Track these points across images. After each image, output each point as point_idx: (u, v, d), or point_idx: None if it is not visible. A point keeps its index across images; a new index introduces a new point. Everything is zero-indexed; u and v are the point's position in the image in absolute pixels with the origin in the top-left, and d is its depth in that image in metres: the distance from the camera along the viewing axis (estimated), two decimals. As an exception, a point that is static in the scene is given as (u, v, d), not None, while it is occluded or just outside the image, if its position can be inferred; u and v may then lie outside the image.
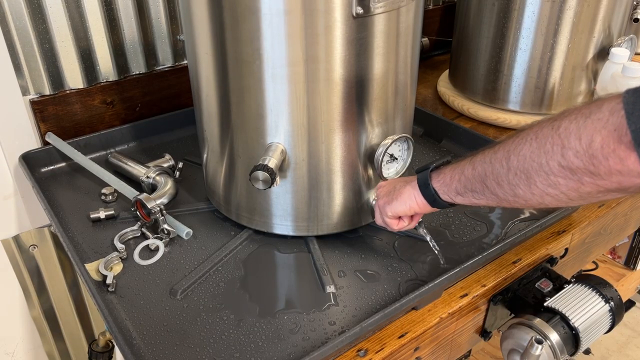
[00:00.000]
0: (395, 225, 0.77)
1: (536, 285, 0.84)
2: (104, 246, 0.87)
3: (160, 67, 1.18)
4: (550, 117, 0.54)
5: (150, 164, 1.02)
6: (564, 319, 0.77)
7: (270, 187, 0.74)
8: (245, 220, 0.89)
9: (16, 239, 1.12)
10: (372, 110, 0.79)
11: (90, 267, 0.81)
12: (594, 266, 1.60)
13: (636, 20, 1.19)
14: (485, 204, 0.64)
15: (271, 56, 0.71)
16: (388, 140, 0.81)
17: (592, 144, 0.48)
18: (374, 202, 0.87)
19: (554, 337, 0.76)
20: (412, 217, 0.77)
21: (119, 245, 0.84)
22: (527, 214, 0.93)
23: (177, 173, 1.02)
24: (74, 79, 1.07)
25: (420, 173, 0.72)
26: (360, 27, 0.71)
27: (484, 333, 0.86)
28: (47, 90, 1.05)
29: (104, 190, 0.98)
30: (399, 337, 0.72)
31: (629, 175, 0.48)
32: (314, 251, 0.85)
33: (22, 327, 1.20)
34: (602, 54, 1.16)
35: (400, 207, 0.74)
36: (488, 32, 1.19)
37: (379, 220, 0.80)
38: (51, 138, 1.05)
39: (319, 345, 0.68)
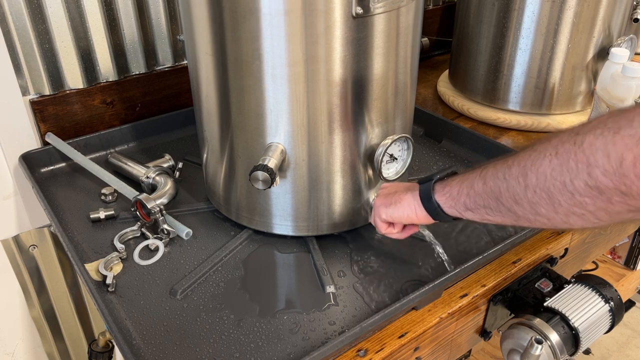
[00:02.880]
0: (384, 230, 0.75)
1: (536, 285, 0.84)
2: (103, 246, 0.87)
3: (160, 67, 1.18)
4: (570, 130, 0.50)
5: (150, 164, 1.02)
6: (564, 319, 0.77)
7: (270, 187, 0.74)
8: (245, 221, 0.89)
9: (16, 239, 1.12)
10: (372, 110, 0.79)
11: (90, 267, 0.81)
12: (594, 266, 1.60)
13: (636, 20, 1.19)
14: (501, 222, 0.59)
15: (271, 56, 0.71)
16: (388, 140, 0.81)
17: (624, 163, 0.44)
18: (374, 202, 0.87)
19: (554, 337, 0.76)
20: (404, 226, 0.75)
21: (119, 246, 0.84)
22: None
23: (177, 173, 1.02)
24: (74, 79, 1.07)
25: (423, 185, 0.68)
26: (360, 27, 0.71)
27: (484, 333, 0.86)
28: (47, 91, 1.05)
29: (103, 191, 0.98)
30: (399, 337, 0.72)
31: None
32: (314, 251, 0.85)
33: (22, 327, 1.20)
34: (602, 54, 1.16)
35: (396, 213, 0.71)
36: (488, 32, 1.19)
37: (371, 218, 0.78)
38: (51, 138, 1.05)
39: (319, 345, 0.68)
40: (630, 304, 1.81)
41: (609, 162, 0.45)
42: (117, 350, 1.04)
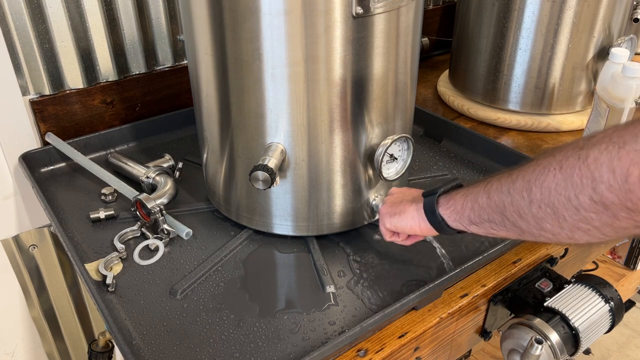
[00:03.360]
0: (389, 237, 0.76)
1: (536, 285, 0.84)
2: (103, 246, 0.87)
3: (160, 67, 1.18)
4: (574, 144, 0.49)
5: (150, 164, 1.02)
6: (564, 319, 0.77)
7: (270, 187, 0.74)
8: (245, 221, 0.89)
9: (16, 239, 1.12)
10: (372, 110, 0.79)
11: (90, 267, 0.81)
12: (594, 266, 1.60)
13: (636, 20, 1.19)
14: (505, 236, 0.59)
15: (271, 56, 0.71)
16: (388, 140, 0.81)
17: (629, 178, 0.43)
18: (374, 202, 0.87)
19: (554, 337, 0.76)
20: (409, 235, 0.75)
21: (119, 245, 0.84)
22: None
23: (177, 173, 1.02)
24: (74, 79, 1.07)
25: (427, 198, 0.68)
26: (360, 27, 0.71)
27: (484, 333, 0.86)
28: (47, 90, 1.05)
29: (103, 190, 0.98)
30: (399, 337, 0.72)
31: None
32: (314, 251, 0.85)
33: (22, 327, 1.20)
34: (602, 54, 1.16)
35: (400, 223, 0.71)
36: (488, 32, 1.19)
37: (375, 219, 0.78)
38: (51, 138, 1.05)
39: (319, 345, 0.68)
40: (630, 304, 1.80)
41: (614, 177, 0.44)
42: (117, 350, 1.04)
